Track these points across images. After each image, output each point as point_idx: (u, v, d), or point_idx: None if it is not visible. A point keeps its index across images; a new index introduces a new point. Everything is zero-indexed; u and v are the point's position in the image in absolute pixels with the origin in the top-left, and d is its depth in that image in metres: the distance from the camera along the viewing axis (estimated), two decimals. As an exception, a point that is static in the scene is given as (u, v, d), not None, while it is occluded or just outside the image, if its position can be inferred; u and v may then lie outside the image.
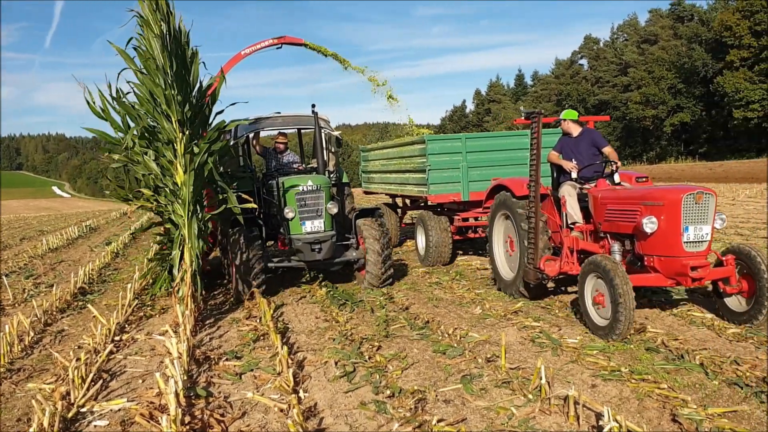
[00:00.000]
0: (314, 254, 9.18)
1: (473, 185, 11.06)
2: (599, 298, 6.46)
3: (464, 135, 11.44)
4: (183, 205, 7.85)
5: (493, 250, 9.03)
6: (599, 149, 8.11)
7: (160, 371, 5.76)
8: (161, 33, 7.81)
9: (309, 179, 9.30)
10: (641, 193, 6.94)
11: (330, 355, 6.29)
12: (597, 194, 7.51)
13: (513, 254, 8.60)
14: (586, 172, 8.00)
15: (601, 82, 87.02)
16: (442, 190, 11.07)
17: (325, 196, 9.29)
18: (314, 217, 9.22)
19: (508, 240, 8.75)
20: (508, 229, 8.75)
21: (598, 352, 6.00)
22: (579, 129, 8.37)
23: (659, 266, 6.66)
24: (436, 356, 6.15)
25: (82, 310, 9.19)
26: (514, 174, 10.33)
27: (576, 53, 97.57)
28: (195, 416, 4.87)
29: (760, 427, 4.29)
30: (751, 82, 59.64)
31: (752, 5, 59.67)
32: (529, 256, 7.80)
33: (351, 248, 9.85)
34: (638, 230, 6.68)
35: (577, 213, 7.74)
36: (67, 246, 18.76)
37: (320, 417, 4.82)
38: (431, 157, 10.95)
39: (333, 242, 9.30)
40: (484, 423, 4.55)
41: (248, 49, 12.83)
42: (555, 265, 7.56)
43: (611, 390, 5.05)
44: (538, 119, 7.53)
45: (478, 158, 11.11)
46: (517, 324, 7.20)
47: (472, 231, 11.84)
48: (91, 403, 5.25)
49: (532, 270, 7.73)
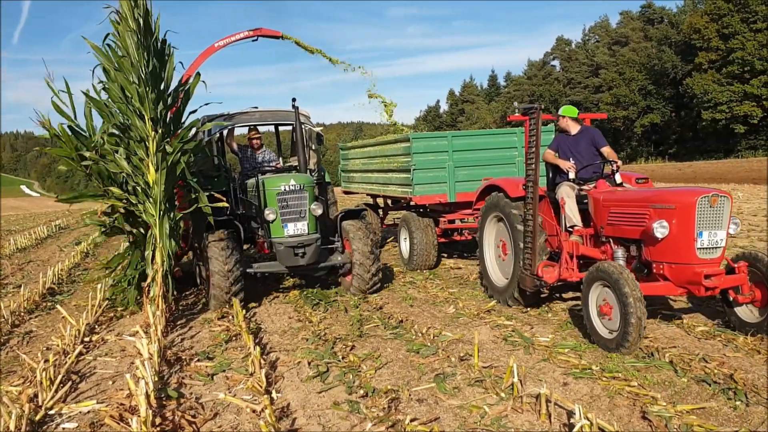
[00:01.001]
0: (297, 259, 8.61)
1: (460, 185, 10.63)
2: (606, 309, 5.95)
3: (450, 133, 11.03)
4: (154, 205, 7.76)
5: (484, 255, 8.51)
6: (598, 149, 7.69)
7: (130, 372, 5.69)
8: (138, 29, 7.72)
9: (291, 178, 8.74)
10: (649, 196, 6.51)
11: (303, 356, 6.27)
12: (598, 196, 7.08)
13: (506, 259, 8.07)
14: (584, 173, 7.60)
15: (573, 83, 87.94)
16: (427, 191, 10.62)
17: (309, 196, 8.76)
18: (297, 219, 8.66)
19: (501, 244, 8.22)
20: (501, 233, 8.24)
21: (570, 351, 6.06)
22: (578, 127, 7.89)
23: (669, 274, 6.20)
24: (410, 355, 6.16)
25: (50, 310, 9.06)
26: (502, 174, 10.06)
27: (548, 54, 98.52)
28: (166, 417, 4.82)
29: (728, 423, 4.36)
30: (719, 84, 60.65)
31: (720, 9, 60.72)
32: (525, 262, 7.24)
33: (336, 252, 9.26)
34: (647, 235, 6.26)
35: (576, 216, 7.28)
36: (36, 246, 18.47)
37: (293, 417, 4.79)
38: (416, 156, 10.47)
39: (318, 246, 8.74)
40: (457, 422, 4.57)
41: (222, 42, 12.24)
42: (554, 272, 7.04)
43: (582, 388, 5.10)
44: (537, 114, 6.97)
45: (465, 157, 10.68)
46: (490, 323, 7.24)
47: (457, 233, 11.48)
48: (59, 405, 5.17)
49: (529, 276, 7.17)
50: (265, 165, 10.41)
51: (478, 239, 8.59)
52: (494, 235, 8.44)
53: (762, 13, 57.53)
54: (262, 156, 10.64)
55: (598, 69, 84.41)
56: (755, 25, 58.09)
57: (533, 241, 7.08)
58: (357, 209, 9.78)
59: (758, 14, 57.74)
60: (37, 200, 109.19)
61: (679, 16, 75.54)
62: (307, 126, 10.30)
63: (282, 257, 8.64)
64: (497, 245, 8.36)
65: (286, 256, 8.61)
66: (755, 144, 59.84)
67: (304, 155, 9.59)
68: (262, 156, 10.64)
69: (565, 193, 7.33)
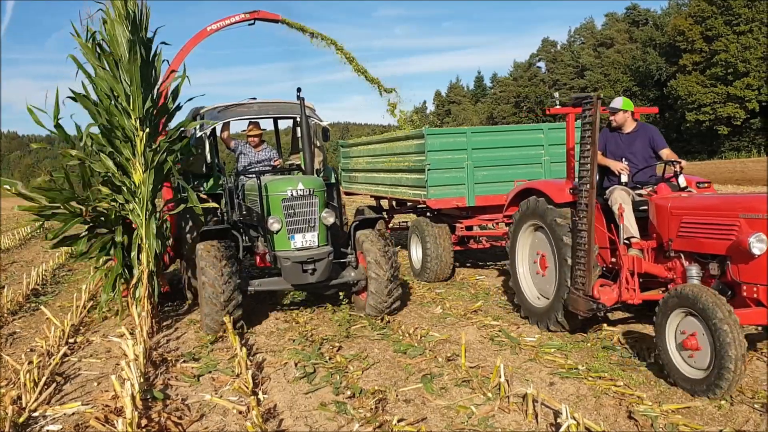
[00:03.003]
0: (306, 276, 7.36)
1: (479, 188, 9.55)
2: (691, 343, 4.87)
3: (470, 129, 9.98)
4: (141, 205, 7.71)
5: (517, 269, 7.35)
6: (656, 151, 6.77)
7: (115, 374, 5.65)
8: (128, 26, 7.64)
9: (299, 181, 7.56)
10: (737, 202, 5.43)
11: (290, 356, 6.25)
12: (664, 203, 5.98)
13: (546, 275, 6.89)
14: (640, 176, 6.65)
15: (558, 85, 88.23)
16: (443, 194, 9.50)
17: (319, 202, 7.61)
18: (306, 229, 7.52)
19: (539, 257, 7.01)
20: (539, 244, 7.05)
21: (556, 351, 6.08)
22: (634, 124, 6.90)
23: (765, 299, 5.12)
24: (397, 356, 6.16)
25: (35, 311, 8.97)
26: (526, 175, 9.31)
27: (534, 56, 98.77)
28: (152, 419, 4.79)
29: (713, 423, 4.40)
30: (702, 85, 61.12)
31: (704, 11, 61.23)
32: (577, 280, 6.08)
33: (349, 267, 7.98)
34: (737, 251, 5.20)
35: (634, 226, 6.18)
36: (20, 246, 18.31)
37: (280, 418, 4.78)
38: (431, 154, 9.35)
39: (330, 261, 7.50)
40: (444, 422, 4.57)
41: (215, 25, 11.01)
42: (612, 293, 5.93)
43: (569, 388, 5.12)
44: (595, 105, 5.83)
45: (486, 156, 9.61)
46: (476, 323, 7.26)
47: (474, 241, 10.48)
48: (43, 407, 5.13)
49: (582, 298, 5.99)
50: (264, 164, 9.37)
51: (509, 251, 7.46)
52: (530, 246, 7.29)
53: (745, 15, 58.08)
54: (263, 154, 9.51)
55: (583, 70, 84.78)
56: (738, 27, 58.59)
57: (587, 256, 5.93)
58: (373, 217, 8.59)
59: (741, 17, 58.27)
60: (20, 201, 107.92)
61: (664, 18, 76.04)
62: (312, 120, 9.19)
63: (288, 273, 7.44)
64: (534, 261, 7.15)
65: (293, 273, 7.40)
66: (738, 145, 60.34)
67: (311, 153, 8.39)
68: (263, 154, 9.51)
69: (621, 199, 6.20)
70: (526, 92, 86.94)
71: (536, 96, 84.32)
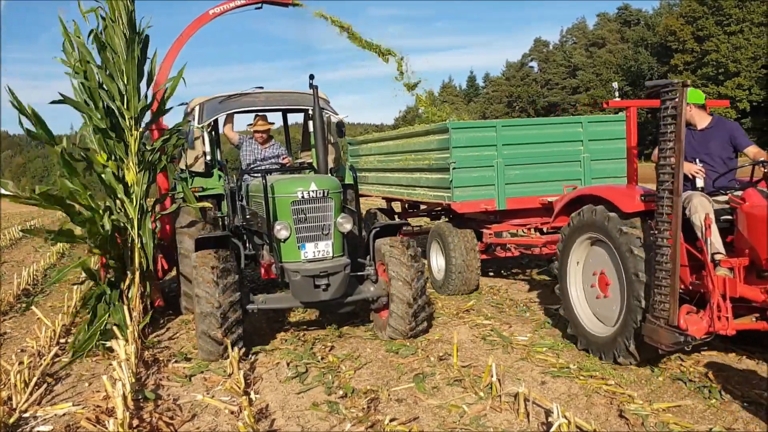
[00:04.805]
0: (318, 293, 6.32)
1: (511, 189, 8.51)
2: None
3: (500, 122, 8.93)
4: (134, 205, 7.67)
5: (569, 290, 6.26)
6: (738, 150, 5.78)
7: (107, 374, 5.63)
8: (124, 25, 7.61)
9: (312, 181, 6.55)
10: None
11: (282, 356, 6.25)
12: (761, 212, 4.81)
13: (609, 297, 5.80)
14: (722, 180, 5.63)
15: (550, 84, 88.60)
16: (470, 196, 8.42)
17: (335, 206, 6.60)
18: (318, 237, 6.51)
19: (598, 276, 5.91)
20: (599, 261, 5.93)
21: (548, 350, 6.10)
22: (708, 119, 5.89)
23: None
24: (389, 356, 6.16)
25: (25, 312, 8.91)
26: (562, 175, 8.54)
27: (526, 56, 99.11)
28: (143, 419, 4.78)
29: (703, 421, 4.42)
30: (694, 85, 61.37)
31: (695, 11, 61.56)
32: (656, 307, 4.89)
33: (367, 280, 6.92)
34: None
35: (719, 240, 5.12)
36: (11, 247, 18.20)
37: (272, 418, 4.78)
38: (457, 151, 8.28)
39: (347, 275, 6.44)
40: (436, 421, 4.58)
41: (218, 8, 9.93)
42: (701, 321, 4.78)
43: (560, 387, 5.14)
44: (681, 94, 4.69)
45: (518, 153, 8.55)
46: (468, 322, 7.27)
47: (500, 248, 9.34)
48: (34, 408, 5.11)
49: (665, 329, 4.80)
50: (272, 162, 8.42)
51: (559, 269, 6.38)
52: (585, 262, 6.19)
53: (736, 16, 58.43)
54: (270, 150, 8.49)
55: (575, 70, 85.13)
56: (729, 27, 58.95)
57: (671, 278, 4.77)
58: (396, 223, 7.59)
59: (732, 17, 58.63)
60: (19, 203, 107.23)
61: (655, 18, 76.43)
62: (327, 112, 8.28)
63: (297, 289, 6.38)
64: (592, 284, 6.02)
65: (303, 289, 6.35)
66: (729, 145, 60.82)
67: (324, 150, 7.32)
68: (270, 150, 8.49)
69: (704, 208, 5.11)
70: (519, 92, 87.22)
71: (528, 96, 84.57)
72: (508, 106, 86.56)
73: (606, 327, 5.83)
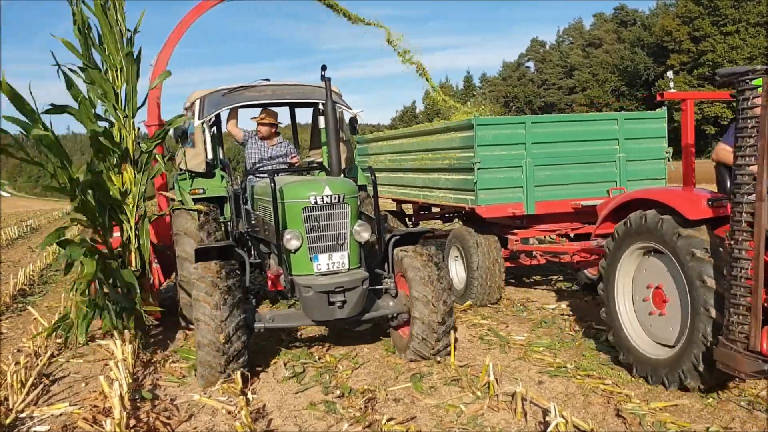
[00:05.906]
0: (333, 310, 5.61)
1: (540, 192, 7.83)
2: None
3: (529, 118, 8.23)
4: (131, 206, 7.64)
5: (617, 305, 5.53)
6: None
7: (104, 374, 5.62)
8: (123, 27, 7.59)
9: (326, 185, 5.81)
10: None
11: (279, 356, 6.24)
12: None
13: (666, 314, 5.13)
14: None
15: (547, 84, 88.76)
16: (496, 199, 7.74)
17: (351, 212, 5.89)
18: (333, 247, 5.81)
19: (652, 291, 5.25)
20: (653, 273, 5.25)
21: (545, 349, 6.11)
22: None
23: None
24: (386, 355, 6.17)
25: (22, 312, 8.91)
26: (596, 177, 7.98)
27: (523, 56, 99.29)
28: (140, 419, 4.77)
29: (700, 420, 4.43)
30: (690, 85, 61.56)
31: (691, 12, 61.74)
32: (731, 329, 4.26)
33: (386, 294, 6.18)
34: None
35: None
36: (7, 247, 18.16)
37: (269, 418, 4.77)
38: (481, 150, 7.59)
39: (365, 290, 5.70)
40: (433, 421, 4.58)
41: None
42: None
43: (557, 386, 5.14)
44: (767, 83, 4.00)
45: (548, 152, 7.87)
46: (465, 322, 7.28)
47: (525, 255, 8.45)
48: (30, 409, 5.10)
49: (744, 355, 4.15)
50: (279, 161, 7.84)
51: (605, 282, 5.64)
52: (635, 274, 5.48)
53: (732, 16, 58.61)
54: (277, 148, 7.88)
55: (572, 70, 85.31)
56: (725, 28, 59.14)
57: (753, 296, 4.11)
58: (417, 230, 6.90)
59: (728, 17, 58.83)
60: (8, 200, 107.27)
61: (652, 18, 76.62)
62: (340, 107, 7.49)
63: (310, 306, 5.67)
64: (644, 299, 5.33)
65: (316, 306, 5.63)
66: (725, 145, 60.97)
67: (337, 148, 6.53)
68: (277, 148, 7.88)
69: None
70: (515, 92, 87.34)
71: (525, 96, 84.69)
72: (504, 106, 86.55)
73: (664, 350, 5.15)
